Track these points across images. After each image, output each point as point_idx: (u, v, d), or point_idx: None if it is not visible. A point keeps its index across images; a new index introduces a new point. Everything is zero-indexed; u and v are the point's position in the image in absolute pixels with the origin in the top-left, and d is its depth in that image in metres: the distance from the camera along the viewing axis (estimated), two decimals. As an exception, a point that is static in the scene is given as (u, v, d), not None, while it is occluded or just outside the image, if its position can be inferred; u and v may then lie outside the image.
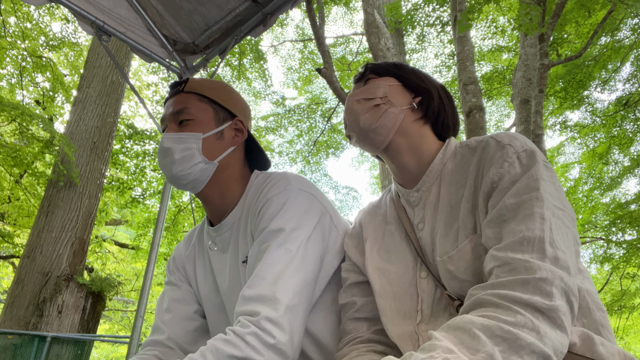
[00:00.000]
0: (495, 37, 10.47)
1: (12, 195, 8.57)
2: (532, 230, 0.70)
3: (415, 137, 0.98)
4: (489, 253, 0.74)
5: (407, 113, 0.99)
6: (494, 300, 0.66)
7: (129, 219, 11.61)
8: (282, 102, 12.35)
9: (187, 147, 1.05)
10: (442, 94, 1.04)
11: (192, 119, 1.08)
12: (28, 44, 8.51)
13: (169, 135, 1.06)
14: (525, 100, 5.68)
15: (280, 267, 0.91)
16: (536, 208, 0.73)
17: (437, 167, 0.95)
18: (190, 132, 1.06)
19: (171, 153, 1.05)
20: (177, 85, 1.14)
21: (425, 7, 7.39)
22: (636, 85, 8.72)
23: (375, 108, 0.98)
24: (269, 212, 1.00)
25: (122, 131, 9.12)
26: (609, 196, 9.83)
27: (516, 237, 0.71)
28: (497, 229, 0.76)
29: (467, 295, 0.73)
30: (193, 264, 1.21)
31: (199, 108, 1.10)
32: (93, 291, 6.46)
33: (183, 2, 2.14)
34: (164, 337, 1.11)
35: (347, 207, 14.25)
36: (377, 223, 1.06)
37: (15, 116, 6.71)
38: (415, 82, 1.02)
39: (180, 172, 1.05)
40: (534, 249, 0.69)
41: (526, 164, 0.80)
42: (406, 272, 0.94)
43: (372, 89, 1.00)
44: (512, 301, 0.64)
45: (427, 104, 1.01)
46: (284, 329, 0.85)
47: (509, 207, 0.75)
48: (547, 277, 0.65)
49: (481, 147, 0.89)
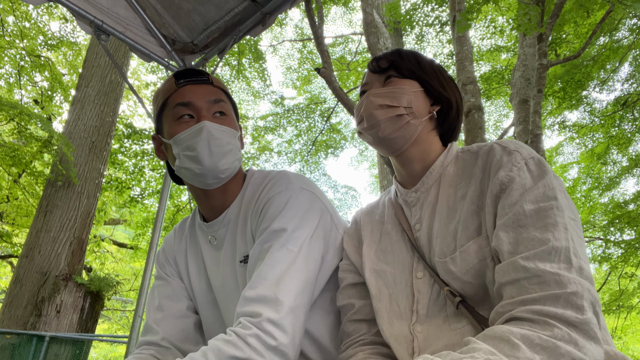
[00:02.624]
0: (494, 37, 10.48)
1: (11, 194, 8.56)
2: (559, 240, 0.70)
3: (427, 145, 0.98)
4: (513, 261, 0.72)
5: (425, 122, 0.96)
6: (528, 316, 0.66)
7: (128, 218, 11.60)
8: (281, 102, 12.33)
9: (230, 141, 1.04)
10: (459, 101, 1.01)
11: (227, 115, 1.07)
12: (26, 43, 8.50)
13: (216, 126, 1.02)
14: (523, 100, 5.68)
15: (283, 267, 0.90)
16: (558, 218, 0.73)
17: (437, 169, 0.96)
18: (230, 128, 1.05)
19: (220, 144, 1.01)
20: (201, 74, 1.09)
21: (424, 7, 7.40)
22: (635, 85, 8.73)
23: (398, 118, 0.94)
24: (270, 211, 0.99)
25: (120, 131, 9.12)
26: (608, 196, 9.85)
27: (544, 247, 0.70)
28: (513, 233, 0.75)
29: (494, 313, 0.72)
30: (185, 258, 1.19)
31: (230, 106, 1.10)
32: (91, 291, 6.45)
33: (182, 2, 2.14)
34: (159, 337, 1.10)
35: (346, 206, 14.25)
36: (374, 223, 1.06)
37: (14, 115, 6.69)
38: (438, 90, 0.98)
39: (224, 165, 1.02)
40: (560, 259, 0.69)
41: (536, 171, 0.80)
42: (402, 272, 0.94)
43: (397, 95, 0.95)
44: (546, 316, 0.64)
45: (445, 114, 0.99)
46: (286, 331, 0.85)
47: (527, 214, 0.75)
48: (577, 290, 0.65)
49: (484, 151, 0.89)
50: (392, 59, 0.99)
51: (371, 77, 1.02)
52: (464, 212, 0.86)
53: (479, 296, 0.83)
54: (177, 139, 1.02)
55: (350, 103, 6.09)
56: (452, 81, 1.03)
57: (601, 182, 9.79)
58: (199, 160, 1.00)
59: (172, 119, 1.05)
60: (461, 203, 0.88)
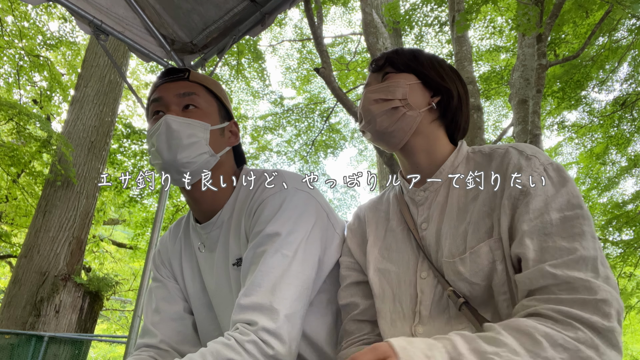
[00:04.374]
0: (493, 37, 10.48)
1: (10, 194, 8.55)
2: (587, 250, 0.71)
3: (431, 138, 0.96)
4: (540, 268, 0.72)
5: (425, 114, 0.95)
6: (553, 315, 0.66)
7: (127, 218, 11.58)
8: (281, 102, 12.32)
9: (194, 134, 1.00)
10: (461, 92, 0.99)
11: (199, 108, 1.04)
12: (25, 43, 8.48)
13: (176, 118, 0.99)
14: (523, 100, 5.69)
15: (277, 274, 0.89)
16: (585, 227, 0.73)
17: (447, 169, 0.95)
18: (199, 120, 1.02)
19: (178, 137, 0.97)
20: (179, 72, 1.08)
21: (424, 7, 7.40)
22: (633, 85, 8.74)
23: (393, 111, 0.94)
24: (264, 214, 0.97)
25: (119, 130, 9.11)
26: (606, 196, 9.86)
27: (572, 256, 0.71)
28: (538, 240, 0.75)
29: (520, 305, 0.72)
30: (179, 260, 1.18)
31: (206, 99, 1.07)
32: (90, 291, 6.44)
33: (181, 2, 2.13)
34: (157, 340, 1.09)
35: (345, 206, 14.27)
36: (379, 220, 1.04)
37: (13, 115, 6.68)
38: (436, 81, 0.97)
39: (185, 159, 0.98)
40: (588, 267, 0.69)
41: (556, 177, 0.80)
42: (406, 272, 0.93)
43: (391, 89, 0.95)
44: (572, 318, 0.65)
45: (446, 104, 0.97)
46: (282, 340, 0.84)
47: (553, 222, 0.75)
48: (607, 298, 0.66)
49: (499, 154, 0.88)
50: (388, 56, 1.00)
51: (371, 76, 1.02)
52: (475, 214, 0.85)
53: (483, 298, 0.82)
54: (147, 135, 1.03)
55: (349, 103, 6.09)
56: (455, 72, 1.01)
57: (600, 182, 9.80)
58: (159, 153, 0.98)
59: (149, 118, 1.06)
60: (472, 204, 0.87)
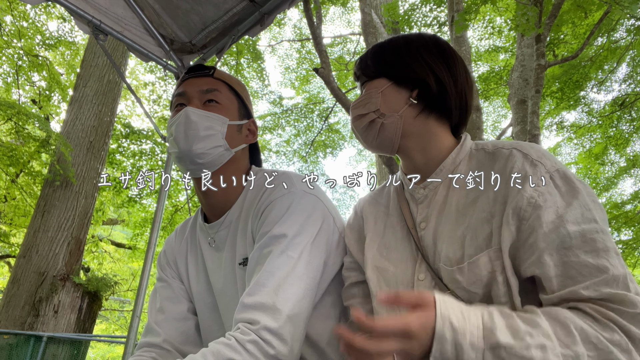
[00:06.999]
0: (492, 38, 10.49)
1: (8, 194, 8.54)
2: (617, 268, 0.70)
3: (424, 136, 0.93)
4: (574, 290, 0.70)
5: (407, 112, 0.92)
6: (594, 314, 0.67)
7: (126, 218, 11.57)
8: (280, 102, 12.33)
9: (211, 126, 1.03)
10: (441, 74, 0.91)
11: (220, 103, 1.08)
12: (24, 43, 8.47)
13: (195, 110, 1.03)
14: (521, 100, 5.69)
15: (282, 274, 0.89)
16: (608, 242, 0.72)
17: (448, 166, 0.91)
18: (218, 114, 1.05)
19: (196, 127, 1.01)
20: (204, 68, 1.12)
21: (423, 8, 7.40)
22: (632, 85, 8.76)
23: (372, 124, 0.93)
24: (272, 215, 0.97)
25: (118, 130, 9.10)
26: (605, 196, 9.87)
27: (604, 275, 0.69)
28: (558, 255, 0.73)
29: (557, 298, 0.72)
30: (185, 260, 1.19)
31: (227, 96, 1.11)
32: (89, 291, 6.44)
33: (180, 2, 2.13)
34: (160, 339, 1.10)
35: (345, 206, 14.27)
36: (378, 215, 1.03)
37: (11, 115, 6.68)
38: (406, 76, 0.92)
39: (200, 150, 1.01)
40: (619, 286, 0.69)
41: (564, 186, 0.77)
42: (405, 273, 0.91)
43: (365, 102, 0.94)
44: (611, 321, 0.66)
45: (426, 93, 0.91)
46: (284, 340, 0.84)
47: (572, 235, 0.72)
48: None
49: (503, 156, 0.85)
50: (360, 66, 1.00)
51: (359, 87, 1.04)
52: (473, 219, 0.82)
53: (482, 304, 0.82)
54: (167, 125, 1.07)
55: (348, 103, 6.09)
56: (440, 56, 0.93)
57: (599, 182, 9.82)
58: (176, 143, 1.02)
59: (172, 110, 1.10)
60: (472, 208, 0.84)
